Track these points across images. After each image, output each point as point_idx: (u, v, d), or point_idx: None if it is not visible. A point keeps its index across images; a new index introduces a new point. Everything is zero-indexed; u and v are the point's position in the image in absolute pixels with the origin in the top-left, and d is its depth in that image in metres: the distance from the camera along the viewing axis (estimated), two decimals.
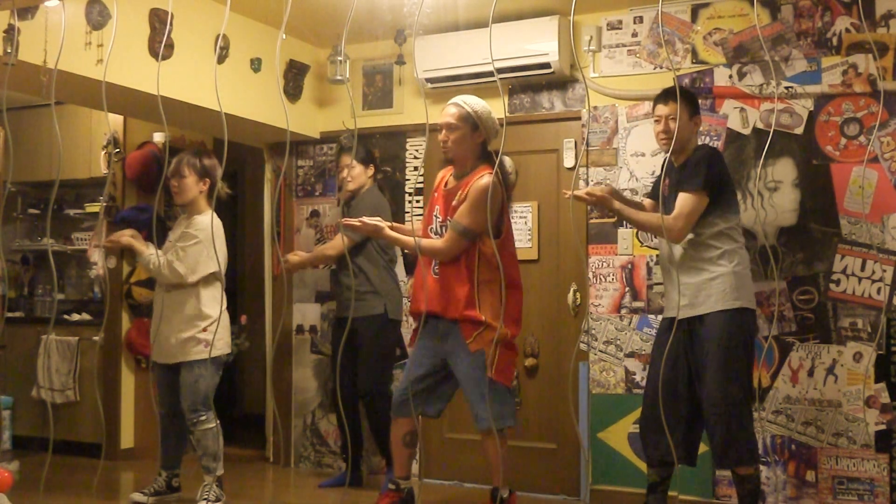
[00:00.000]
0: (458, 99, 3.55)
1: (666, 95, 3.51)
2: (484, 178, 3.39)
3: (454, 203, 3.47)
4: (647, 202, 3.81)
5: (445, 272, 3.48)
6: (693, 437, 3.50)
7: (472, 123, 3.48)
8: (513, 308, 3.49)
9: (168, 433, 4.10)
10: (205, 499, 3.90)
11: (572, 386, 4.40)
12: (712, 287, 3.36)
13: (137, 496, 4.04)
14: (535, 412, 4.50)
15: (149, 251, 3.97)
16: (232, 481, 4.28)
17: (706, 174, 3.32)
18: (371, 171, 4.52)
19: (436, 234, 3.55)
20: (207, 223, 3.95)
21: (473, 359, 3.41)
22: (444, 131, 3.50)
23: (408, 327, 4.64)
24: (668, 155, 3.51)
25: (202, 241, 3.94)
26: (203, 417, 3.93)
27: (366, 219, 3.55)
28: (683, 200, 3.33)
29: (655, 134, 3.54)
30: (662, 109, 3.49)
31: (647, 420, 3.49)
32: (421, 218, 4.18)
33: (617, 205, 3.45)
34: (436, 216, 3.58)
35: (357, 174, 4.51)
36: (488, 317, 3.39)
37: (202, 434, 3.94)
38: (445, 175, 3.65)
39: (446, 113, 3.51)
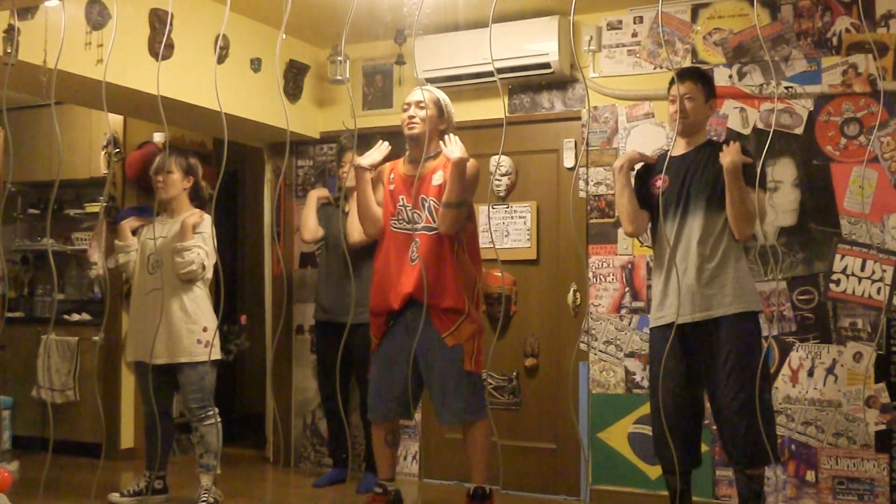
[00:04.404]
0: (426, 87, 3.66)
1: (681, 75, 3.36)
2: (470, 160, 3.44)
3: (439, 183, 3.46)
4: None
5: (429, 257, 3.42)
6: (698, 438, 3.39)
7: (440, 108, 3.58)
8: (479, 294, 3.58)
9: (154, 434, 4.08)
10: (204, 500, 3.90)
11: (572, 386, 4.40)
12: (730, 288, 3.21)
13: (114, 497, 4.04)
14: (535, 412, 4.50)
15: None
16: (232, 481, 4.27)
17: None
18: None
19: (408, 221, 3.51)
20: (209, 224, 3.98)
21: (451, 353, 3.39)
22: (413, 108, 3.54)
23: None
24: (671, 147, 3.45)
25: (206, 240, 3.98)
26: (210, 413, 3.96)
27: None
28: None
29: (670, 115, 3.39)
30: (679, 89, 3.30)
31: (661, 432, 3.29)
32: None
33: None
34: (404, 206, 3.54)
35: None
36: (468, 305, 3.43)
37: (207, 430, 3.94)
38: (394, 167, 3.65)
39: (415, 94, 3.58)
